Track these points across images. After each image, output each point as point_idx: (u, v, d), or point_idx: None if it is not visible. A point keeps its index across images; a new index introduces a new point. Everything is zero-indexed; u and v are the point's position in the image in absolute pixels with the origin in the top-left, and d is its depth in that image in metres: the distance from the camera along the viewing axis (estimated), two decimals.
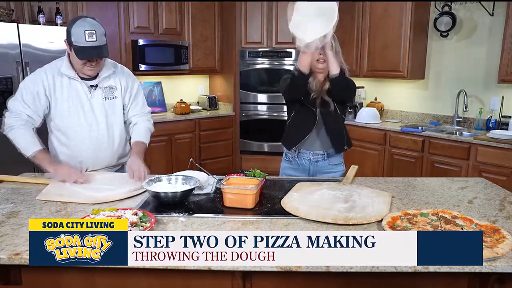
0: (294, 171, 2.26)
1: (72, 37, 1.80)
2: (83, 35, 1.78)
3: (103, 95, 2.01)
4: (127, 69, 2.17)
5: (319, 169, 2.22)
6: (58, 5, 3.74)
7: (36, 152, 1.88)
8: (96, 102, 2.00)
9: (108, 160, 2.12)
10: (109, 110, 2.04)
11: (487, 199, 1.74)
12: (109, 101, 2.03)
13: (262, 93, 4.94)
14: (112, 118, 2.06)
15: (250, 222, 1.48)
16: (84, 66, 1.89)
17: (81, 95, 1.97)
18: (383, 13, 4.27)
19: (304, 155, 2.22)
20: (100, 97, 2.01)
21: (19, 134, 1.90)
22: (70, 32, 1.81)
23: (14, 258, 1.21)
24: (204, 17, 4.84)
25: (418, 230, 1.34)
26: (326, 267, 1.18)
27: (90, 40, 1.79)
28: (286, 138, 2.27)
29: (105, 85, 2.02)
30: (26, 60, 3.35)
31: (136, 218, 1.37)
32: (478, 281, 1.30)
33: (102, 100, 2.01)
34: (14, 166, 2.35)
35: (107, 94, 2.02)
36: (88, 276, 1.32)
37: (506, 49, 3.47)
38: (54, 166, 1.88)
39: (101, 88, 2.01)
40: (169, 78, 4.96)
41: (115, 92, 2.05)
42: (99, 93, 2.00)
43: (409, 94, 4.55)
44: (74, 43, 1.80)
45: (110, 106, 2.04)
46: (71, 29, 1.81)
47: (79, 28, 1.80)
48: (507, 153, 3.21)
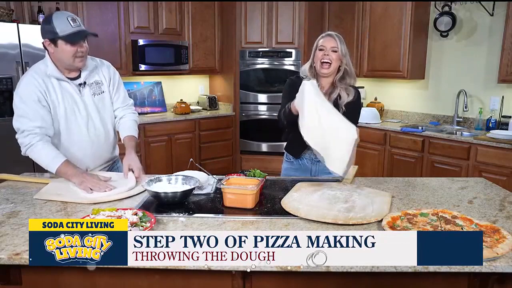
0: (296, 172, 2.24)
1: (57, 29, 1.77)
2: (68, 22, 1.77)
3: (91, 92, 2.00)
4: (106, 61, 2.13)
5: (321, 169, 2.19)
6: (58, 5, 3.74)
7: (60, 166, 1.82)
8: (87, 100, 1.98)
9: (107, 155, 2.13)
10: (99, 105, 2.03)
11: (487, 199, 1.74)
12: (98, 96, 2.03)
13: (262, 93, 4.94)
14: (104, 113, 2.06)
15: (250, 222, 1.48)
16: (75, 58, 1.84)
17: (73, 95, 1.95)
18: (383, 13, 4.27)
19: (306, 156, 2.21)
20: (90, 94, 1.99)
21: (38, 151, 1.84)
22: (51, 27, 1.77)
23: (14, 258, 1.21)
24: (204, 17, 4.84)
25: (418, 230, 1.34)
26: (326, 267, 1.18)
27: (75, 25, 1.79)
28: (291, 147, 2.23)
29: (91, 81, 2.00)
30: (26, 60, 3.35)
31: (136, 218, 1.37)
32: (478, 281, 1.30)
33: (92, 97, 2.00)
34: (14, 166, 2.36)
35: (95, 90, 2.01)
36: (88, 276, 1.32)
37: (506, 49, 3.47)
38: (79, 177, 1.78)
39: (89, 85, 1.99)
40: (169, 78, 4.96)
41: (102, 87, 2.04)
42: (87, 90, 1.99)
43: (409, 94, 4.55)
44: (61, 34, 1.77)
45: (100, 101, 2.03)
46: (52, 23, 1.77)
47: (61, 18, 1.78)
48: (507, 153, 3.21)
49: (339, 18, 4.71)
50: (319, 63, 2.04)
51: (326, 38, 2.05)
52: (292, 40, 4.79)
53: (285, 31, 4.78)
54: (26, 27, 3.39)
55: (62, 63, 1.87)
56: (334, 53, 2.02)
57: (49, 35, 1.80)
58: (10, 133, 3.21)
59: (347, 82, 2.09)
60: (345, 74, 2.08)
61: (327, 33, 2.08)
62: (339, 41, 2.03)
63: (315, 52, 2.08)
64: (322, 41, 2.06)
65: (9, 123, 2.73)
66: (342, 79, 2.07)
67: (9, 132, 3.31)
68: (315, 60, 2.07)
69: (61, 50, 1.81)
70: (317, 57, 2.05)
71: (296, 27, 4.75)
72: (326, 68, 2.03)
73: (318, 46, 2.06)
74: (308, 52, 4.63)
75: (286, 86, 2.20)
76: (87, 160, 2.04)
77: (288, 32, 4.78)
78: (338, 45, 2.02)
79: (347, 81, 2.09)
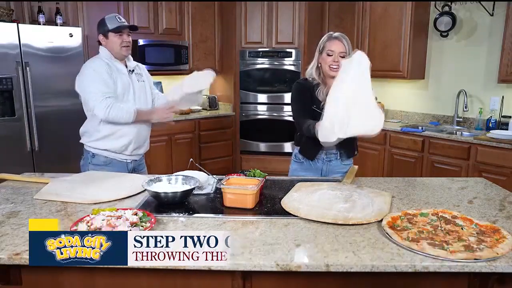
0: (306, 172, 2.20)
1: (108, 24, 2.20)
2: (115, 19, 2.23)
3: (136, 78, 2.36)
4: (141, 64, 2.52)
5: (331, 168, 2.17)
6: (58, 5, 3.74)
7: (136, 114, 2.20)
8: (135, 82, 2.33)
9: (145, 134, 2.39)
10: (141, 90, 2.37)
11: (487, 199, 1.74)
12: (141, 83, 2.38)
13: (262, 93, 4.93)
14: (144, 97, 2.38)
15: (250, 222, 1.48)
16: (122, 47, 2.23)
17: (126, 76, 2.29)
18: (383, 13, 4.27)
19: (319, 156, 2.17)
20: (136, 79, 2.35)
21: (118, 107, 2.16)
22: (104, 24, 2.21)
23: (14, 258, 1.21)
24: (204, 17, 4.84)
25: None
26: (326, 267, 1.18)
27: (121, 21, 2.24)
28: (305, 150, 2.18)
29: (136, 72, 2.37)
30: (26, 60, 3.34)
31: (136, 218, 1.37)
32: (478, 281, 1.30)
33: (137, 82, 2.35)
34: (14, 166, 2.36)
35: (138, 78, 2.37)
36: (88, 276, 1.32)
37: (506, 49, 3.46)
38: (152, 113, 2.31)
39: (134, 74, 2.35)
40: (169, 78, 4.96)
41: (142, 78, 2.40)
42: (134, 76, 2.35)
43: (409, 94, 4.55)
44: (110, 26, 2.20)
45: (142, 87, 2.38)
46: (104, 21, 2.22)
47: (110, 17, 2.24)
48: (507, 153, 3.21)
49: (339, 18, 4.70)
50: (327, 67, 2.04)
51: (334, 42, 2.03)
52: (292, 40, 4.79)
53: (285, 31, 4.78)
54: (26, 27, 3.39)
55: (113, 52, 2.25)
56: (342, 59, 1.99)
57: (101, 31, 2.23)
58: (10, 133, 3.22)
59: None
60: None
61: (334, 35, 2.05)
62: (346, 43, 2.02)
63: (321, 55, 2.07)
64: (329, 44, 2.03)
65: (9, 123, 2.75)
66: None
67: (9, 132, 3.33)
68: (322, 63, 2.07)
69: (111, 41, 2.22)
70: (325, 61, 2.04)
71: (296, 27, 4.75)
72: (335, 71, 2.00)
73: (325, 49, 2.04)
74: (308, 52, 4.64)
75: (295, 91, 2.16)
76: (130, 134, 2.27)
77: (288, 32, 4.78)
78: (347, 49, 2.02)
79: None
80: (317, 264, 1.19)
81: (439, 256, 1.20)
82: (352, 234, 1.37)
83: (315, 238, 1.34)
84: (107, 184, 1.87)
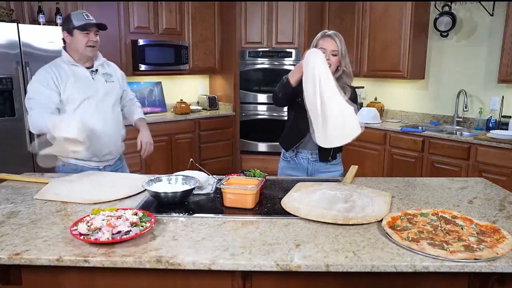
0: (293, 171, 2.25)
1: (73, 21, 2.07)
2: (83, 16, 2.10)
3: (103, 78, 2.22)
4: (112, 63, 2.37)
5: (317, 168, 2.21)
6: (58, 5, 3.74)
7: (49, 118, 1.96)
8: (99, 84, 2.19)
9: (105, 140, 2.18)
10: (109, 90, 2.23)
11: (487, 199, 1.74)
12: (109, 83, 2.24)
13: (262, 93, 4.94)
14: (113, 98, 2.25)
15: (250, 222, 1.48)
16: (87, 47, 2.09)
17: (87, 75, 2.15)
18: (383, 13, 4.27)
19: (302, 154, 2.22)
20: (102, 79, 2.21)
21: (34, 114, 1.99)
22: (69, 20, 2.08)
23: (14, 258, 1.21)
24: (204, 17, 4.84)
25: None
26: (326, 267, 1.18)
27: (88, 18, 2.11)
28: (284, 139, 2.26)
29: (103, 72, 2.23)
30: (26, 60, 3.34)
31: (136, 218, 1.37)
32: (478, 281, 1.30)
33: (103, 82, 2.21)
34: (14, 166, 2.36)
35: (106, 78, 2.24)
36: (88, 276, 1.32)
37: (506, 49, 3.47)
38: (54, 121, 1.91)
39: (100, 74, 2.22)
40: (169, 78, 4.96)
41: (111, 78, 2.27)
42: (99, 76, 2.21)
43: (409, 94, 4.55)
44: (76, 24, 2.06)
45: (110, 87, 2.24)
46: (70, 17, 2.09)
47: (77, 13, 2.12)
48: (507, 153, 3.21)
49: (339, 18, 4.70)
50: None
51: (326, 40, 2.04)
52: (292, 40, 4.79)
53: (285, 31, 4.78)
54: (26, 27, 3.39)
55: (77, 52, 2.12)
56: (334, 57, 2.03)
57: (66, 27, 2.10)
58: (10, 133, 3.22)
59: (344, 81, 2.11)
60: (343, 74, 2.09)
61: (327, 33, 2.06)
62: (339, 42, 2.03)
63: None
64: (322, 42, 2.05)
65: (9, 123, 2.75)
66: (340, 78, 2.08)
67: (9, 132, 3.33)
68: None
69: (76, 39, 2.08)
70: None
71: (296, 27, 4.75)
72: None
73: (318, 46, 2.05)
74: None
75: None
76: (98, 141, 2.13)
77: (288, 32, 4.78)
78: (338, 47, 2.03)
79: (344, 81, 2.10)
80: (317, 264, 1.19)
81: (439, 256, 1.20)
82: (352, 234, 1.37)
83: (315, 238, 1.34)
84: (107, 184, 1.87)
